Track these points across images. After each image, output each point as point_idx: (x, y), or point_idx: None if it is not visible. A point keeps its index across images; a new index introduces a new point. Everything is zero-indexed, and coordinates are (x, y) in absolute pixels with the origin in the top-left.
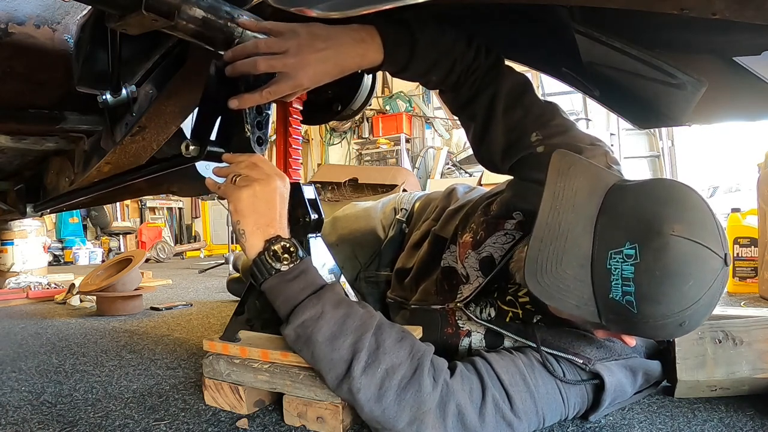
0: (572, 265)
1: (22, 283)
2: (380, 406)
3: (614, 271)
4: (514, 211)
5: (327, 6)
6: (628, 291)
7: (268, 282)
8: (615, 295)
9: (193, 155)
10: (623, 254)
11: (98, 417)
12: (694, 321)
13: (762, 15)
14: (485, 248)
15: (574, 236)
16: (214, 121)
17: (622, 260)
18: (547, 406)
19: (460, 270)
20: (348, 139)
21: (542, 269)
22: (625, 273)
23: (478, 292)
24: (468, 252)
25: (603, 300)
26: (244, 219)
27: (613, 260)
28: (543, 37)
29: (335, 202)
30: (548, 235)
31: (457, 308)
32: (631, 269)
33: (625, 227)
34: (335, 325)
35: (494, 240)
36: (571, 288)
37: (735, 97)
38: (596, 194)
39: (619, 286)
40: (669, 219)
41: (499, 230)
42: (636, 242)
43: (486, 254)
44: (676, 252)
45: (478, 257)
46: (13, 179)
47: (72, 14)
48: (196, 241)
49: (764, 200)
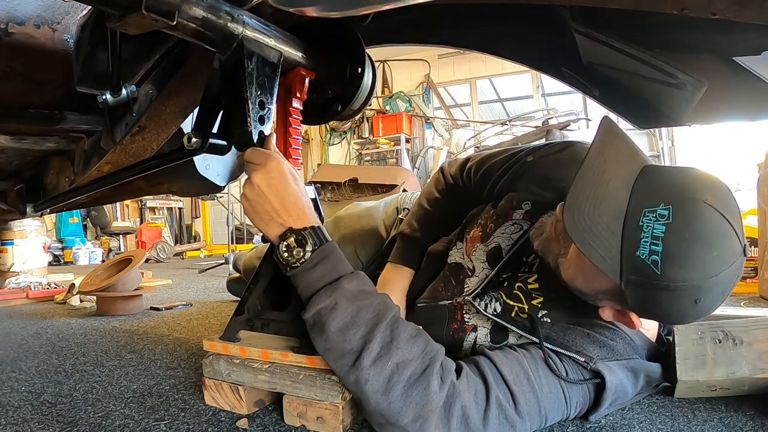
0: (608, 213)
1: (22, 283)
2: (386, 399)
3: (645, 229)
4: (523, 201)
5: (326, 6)
6: (655, 250)
7: (290, 271)
8: (642, 253)
9: (195, 148)
10: (657, 213)
11: (98, 417)
12: (707, 302)
13: (762, 15)
14: (494, 239)
15: (614, 187)
16: (216, 114)
17: (655, 219)
18: (550, 405)
19: (467, 264)
20: (348, 139)
21: (580, 208)
22: (656, 231)
23: (486, 285)
24: (476, 245)
25: (629, 257)
26: (252, 220)
27: (646, 217)
28: (543, 37)
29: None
30: (592, 178)
31: (465, 302)
32: (662, 228)
33: (662, 189)
34: (348, 316)
35: (503, 230)
36: (602, 236)
37: (735, 97)
38: (635, 162)
39: (647, 243)
40: (704, 189)
41: (508, 220)
42: (671, 204)
43: (494, 245)
44: (707, 219)
45: (486, 249)
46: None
47: (72, 14)
48: (196, 241)
49: (764, 200)
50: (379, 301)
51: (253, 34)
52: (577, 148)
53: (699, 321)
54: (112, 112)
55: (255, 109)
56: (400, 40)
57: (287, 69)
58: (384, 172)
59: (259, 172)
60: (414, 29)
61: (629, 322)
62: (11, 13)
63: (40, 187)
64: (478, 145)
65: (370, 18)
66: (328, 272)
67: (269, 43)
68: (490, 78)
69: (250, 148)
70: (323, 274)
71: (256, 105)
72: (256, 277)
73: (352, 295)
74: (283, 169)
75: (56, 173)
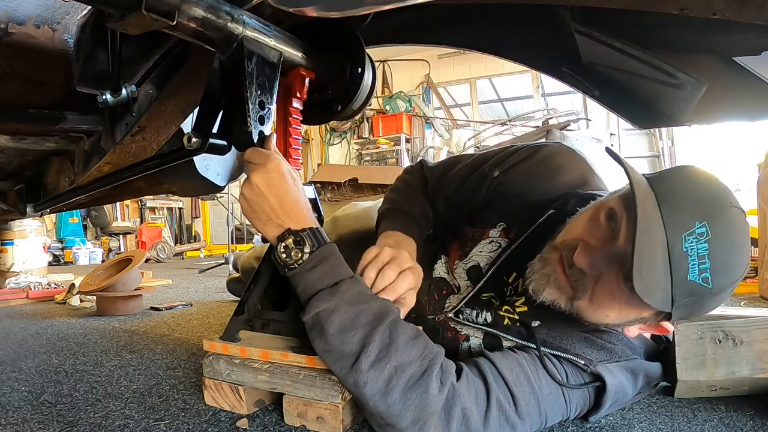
0: (659, 256)
1: (22, 283)
2: (385, 402)
3: (690, 253)
4: (497, 220)
5: (326, 6)
6: (704, 268)
7: (288, 272)
8: (692, 276)
9: (195, 147)
10: (695, 234)
11: (98, 417)
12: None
13: (762, 15)
14: (472, 258)
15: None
16: (216, 114)
17: (696, 239)
18: (550, 406)
19: (452, 281)
20: (348, 139)
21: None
22: (700, 251)
23: (471, 300)
24: (456, 263)
25: (680, 284)
26: (251, 220)
27: (687, 242)
28: (543, 37)
29: (335, 202)
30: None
31: (447, 318)
32: (705, 246)
33: (689, 209)
34: (347, 318)
35: (480, 248)
36: (660, 281)
37: (735, 97)
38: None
39: (695, 266)
40: (724, 193)
41: (485, 238)
42: (705, 219)
43: (473, 263)
44: (738, 221)
45: (465, 267)
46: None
47: (72, 14)
48: (196, 241)
49: (764, 200)
50: (378, 305)
51: (253, 34)
52: (544, 153)
53: (699, 321)
54: (112, 112)
55: (255, 109)
56: (400, 40)
57: (287, 69)
58: (384, 172)
59: (258, 172)
60: (414, 29)
61: (661, 331)
62: (11, 13)
63: (40, 187)
64: (478, 145)
65: (370, 18)
66: (327, 274)
67: (269, 43)
68: (490, 78)
69: (250, 148)
70: (322, 276)
71: (256, 105)
72: (255, 277)
73: (351, 298)
74: (283, 169)
75: (56, 173)
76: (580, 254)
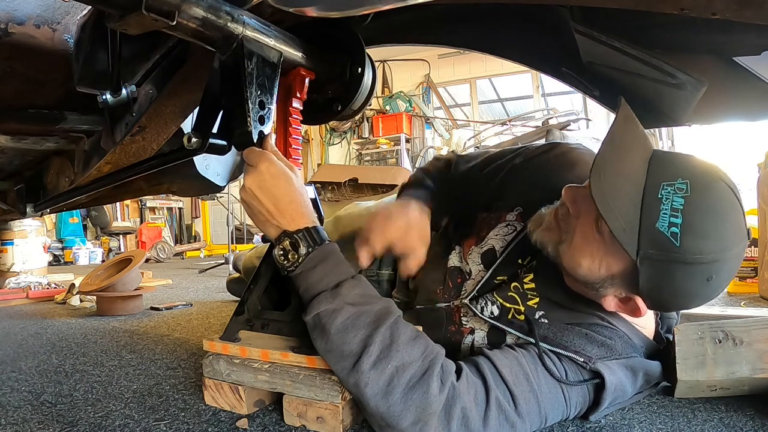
0: (629, 182)
1: (22, 283)
2: (386, 403)
3: (665, 201)
4: (515, 203)
5: (326, 6)
6: (675, 222)
7: (290, 273)
8: (661, 225)
9: (195, 148)
10: (675, 186)
11: (98, 417)
12: (716, 281)
13: (762, 15)
14: (488, 241)
15: (633, 161)
16: (216, 114)
17: (674, 192)
18: (550, 405)
19: (465, 268)
20: (348, 139)
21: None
22: (675, 204)
23: (482, 288)
24: (471, 248)
25: (648, 229)
26: (252, 221)
27: (665, 190)
28: (543, 37)
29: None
30: (616, 148)
31: (462, 305)
32: (681, 200)
33: (678, 167)
34: (349, 319)
35: (496, 232)
36: (623, 206)
37: (735, 97)
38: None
39: (667, 215)
40: (716, 169)
41: (501, 222)
42: (688, 178)
43: (488, 247)
44: (722, 193)
45: (480, 251)
46: (13, 179)
47: (72, 14)
48: (196, 241)
49: (764, 200)
50: (380, 306)
51: (253, 34)
52: (563, 148)
53: (699, 321)
54: (112, 112)
55: (255, 109)
56: (400, 40)
57: (287, 69)
58: (384, 172)
59: (249, 174)
60: (414, 29)
61: (634, 309)
62: (11, 13)
63: (40, 187)
64: (478, 145)
65: (370, 18)
66: (328, 275)
67: (269, 43)
68: (490, 78)
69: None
70: (323, 276)
71: (256, 105)
72: (256, 277)
73: (353, 298)
74: (275, 170)
75: (56, 173)
76: (566, 190)
